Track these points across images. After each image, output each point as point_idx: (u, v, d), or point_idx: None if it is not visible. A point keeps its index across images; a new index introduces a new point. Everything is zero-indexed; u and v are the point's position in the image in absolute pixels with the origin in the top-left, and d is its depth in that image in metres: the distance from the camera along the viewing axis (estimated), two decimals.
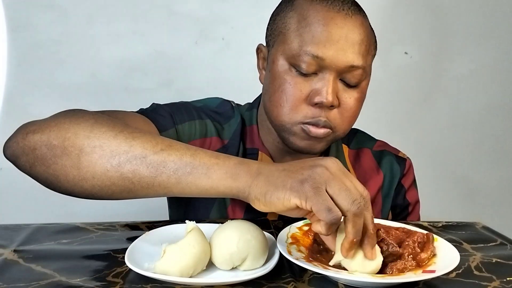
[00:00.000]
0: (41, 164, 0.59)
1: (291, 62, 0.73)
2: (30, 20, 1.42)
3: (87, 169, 0.58)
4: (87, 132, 0.58)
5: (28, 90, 1.44)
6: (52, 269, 0.58)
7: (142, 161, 0.57)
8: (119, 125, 0.60)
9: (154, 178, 0.58)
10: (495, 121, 1.69)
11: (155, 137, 0.60)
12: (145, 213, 0.78)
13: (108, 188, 0.59)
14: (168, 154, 0.58)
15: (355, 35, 0.72)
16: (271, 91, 0.76)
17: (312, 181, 0.52)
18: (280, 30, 0.76)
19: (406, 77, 1.62)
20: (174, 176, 0.58)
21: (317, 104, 0.73)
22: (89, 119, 0.60)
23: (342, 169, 0.54)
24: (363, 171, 0.89)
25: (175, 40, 1.48)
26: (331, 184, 0.52)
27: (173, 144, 0.59)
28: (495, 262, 0.64)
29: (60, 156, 0.58)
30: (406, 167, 0.91)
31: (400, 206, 0.91)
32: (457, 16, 1.61)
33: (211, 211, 0.82)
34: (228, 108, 0.87)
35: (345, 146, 0.91)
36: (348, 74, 0.73)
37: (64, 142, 0.58)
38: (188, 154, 0.58)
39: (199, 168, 0.57)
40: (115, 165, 0.58)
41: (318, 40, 0.71)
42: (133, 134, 0.59)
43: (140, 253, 0.59)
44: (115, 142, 0.58)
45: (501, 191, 1.72)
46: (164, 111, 0.80)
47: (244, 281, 0.55)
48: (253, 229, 0.58)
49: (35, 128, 0.60)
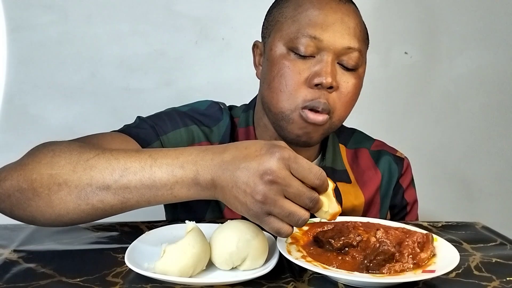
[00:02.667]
0: (18, 209, 0.60)
1: (289, 46, 0.74)
2: (30, 20, 1.42)
3: (59, 206, 0.59)
4: (48, 170, 0.59)
5: (28, 90, 1.44)
6: (52, 269, 0.58)
7: (107, 192, 0.58)
8: (76, 153, 0.60)
9: (124, 204, 0.59)
10: (495, 121, 1.69)
11: (110, 160, 0.59)
12: (145, 213, 0.78)
13: (86, 218, 0.61)
14: (128, 180, 0.58)
15: (349, 20, 0.75)
16: (270, 78, 0.76)
17: (254, 214, 0.54)
18: (276, 19, 0.78)
19: (406, 77, 1.62)
20: (143, 199, 0.59)
21: (316, 86, 0.73)
22: (48, 153, 0.60)
23: (287, 166, 0.53)
24: (361, 171, 0.89)
25: (175, 40, 1.48)
26: (287, 192, 0.53)
27: (128, 164, 0.58)
28: (495, 262, 0.64)
29: (32, 199, 0.59)
30: (404, 167, 0.92)
31: (398, 205, 0.92)
32: (457, 16, 1.61)
33: (206, 214, 0.83)
34: (216, 110, 0.86)
35: (342, 146, 0.91)
36: (345, 57, 0.74)
37: (33, 184, 0.59)
38: (146, 176, 0.58)
39: (162, 189, 0.58)
40: (83, 199, 0.58)
41: (314, 22, 0.73)
42: (89, 162, 0.59)
43: (140, 253, 0.59)
44: (75, 176, 0.58)
45: (501, 191, 1.72)
46: (146, 124, 0.80)
47: (244, 281, 0.55)
48: (253, 229, 0.58)
49: (5, 175, 0.61)
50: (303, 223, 0.54)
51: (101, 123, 1.47)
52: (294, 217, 0.54)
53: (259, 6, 1.50)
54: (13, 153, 0.67)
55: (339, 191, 0.85)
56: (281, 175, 0.52)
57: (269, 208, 0.53)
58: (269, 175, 0.52)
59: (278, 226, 0.54)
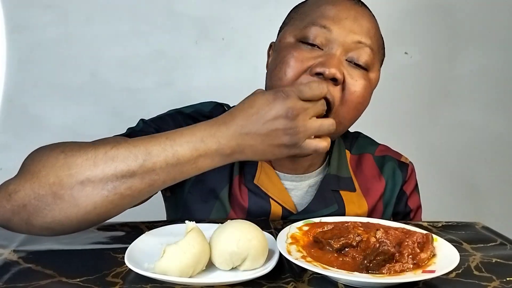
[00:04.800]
0: (37, 217, 0.58)
1: (298, 37, 0.74)
2: (30, 20, 1.42)
3: (85, 203, 0.58)
4: (66, 171, 0.58)
5: (28, 90, 1.44)
6: (52, 269, 0.58)
7: (133, 178, 0.59)
8: (91, 150, 0.60)
9: (152, 186, 0.61)
10: (495, 121, 1.69)
11: (129, 149, 0.60)
12: (145, 213, 0.78)
13: (113, 209, 0.61)
14: (153, 163, 0.60)
15: (363, 19, 0.74)
16: (273, 67, 0.75)
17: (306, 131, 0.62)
18: (291, 17, 0.79)
19: (406, 77, 1.62)
20: (169, 178, 0.61)
21: (318, 75, 0.70)
22: (59, 156, 0.59)
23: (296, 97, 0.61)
24: (365, 178, 0.87)
25: (175, 40, 1.49)
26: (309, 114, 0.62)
27: (149, 148, 0.60)
28: (495, 262, 0.64)
29: (53, 203, 0.58)
30: (408, 173, 0.89)
31: (401, 213, 0.89)
32: (457, 16, 1.61)
33: (210, 216, 0.81)
34: (221, 112, 0.85)
35: (347, 152, 0.88)
36: (355, 52, 0.72)
37: (52, 188, 0.57)
38: (169, 155, 0.60)
39: (187, 165, 0.61)
40: (111, 190, 0.59)
41: (327, 15, 0.73)
42: (108, 154, 0.59)
43: (140, 253, 0.59)
44: (98, 170, 0.58)
45: (501, 191, 1.72)
46: (150, 128, 0.79)
47: (244, 281, 0.55)
48: (253, 229, 0.58)
49: (15, 187, 0.59)
50: (333, 127, 0.63)
51: (101, 123, 1.48)
52: (323, 127, 0.62)
53: (259, 6, 1.51)
54: (13, 153, 0.68)
55: (343, 201, 0.82)
56: (298, 105, 0.60)
57: (306, 133, 0.61)
58: (292, 111, 0.60)
59: (316, 144, 0.63)
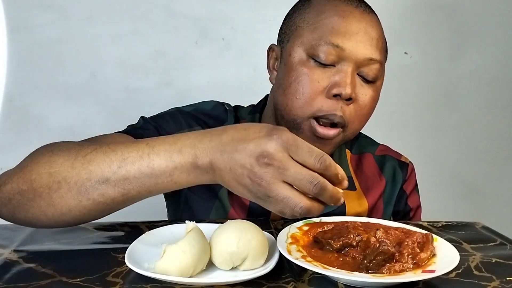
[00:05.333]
0: (20, 211, 0.60)
1: (310, 53, 0.73)
2: (30, 20, 1.42)
3: (61, 204, 0.59)
4: (47, 169, 0.59)
5: (28, 90, 1.44)
6: (52, 269, 0.58)
7: (106, 184, 0.58)
8: (74, 150, 0.60)
9: (125, 195, 0.59)
10: (495, 121, 1.69)
11: (107, 153, 0.59)
12: (145, 213, 0.78)
13: (88, 215, 0.61)
14: (126, 170, 0.57)
15: (373, 30, 0.73)
16: (286, 84, 0.74)
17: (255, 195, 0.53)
18: (297, 25, 0.76)
19: (406, 77, 1.62)
20: (143, 189, 0.58)
21: (335, 96, 0.71)
22: (46, 153, 0.61)
23: (285, 149, 0.51)
24: (365, 177, 0.88)
25: (175, 40, 1.49)
26: (285, 175, 0.51)
27: (126, 154, 0.58)
28: (495, 262, 0.64)
29: (33, 199, 0.59)
30: (408, 172, 0.90)
31: (401, 212, 0.90)
32: (457, 16, 1.61)
33: (210, 215, 0.82)
34: (222, 111, 0.85)
35: (347, 151, 0.89)
36: (366, 68, 0.73)
37: (32, 185, 0.59)
38: (144, 164, 0.57)
39: (162, 177, 0.57)
40: (84, 194, 0.58)
41: (337, 30, 0.71)
42: (86, 157, 0.59)
43: (140, 253, 0.59)
44: (74, 172, 0.58)
45: (501, 191, 1.72)
46: (150, 125, 0.80)
47: (244, 281, 0.55)
48: (253, 229, 0.58)
49: (5, 179, 0.61)
50: (302, 211, 0.52)
51: (101, 123, 1.48)
52: (288, 202, 0.51)
53: (259, 6, 1.51)
54: (13, 153, 0.68)
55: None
56: (278, 157, 0.51)
57: (265, 192, 0.52)
58: (265, 158, 0.51)
59: (278, 209, 0.53)
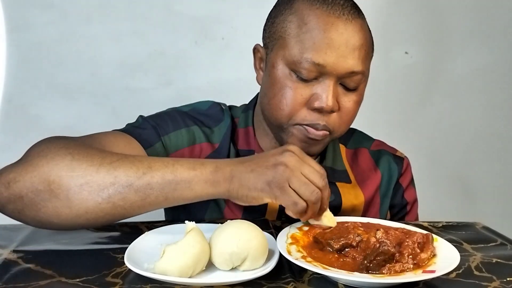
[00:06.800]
0: (30, 210, 0.61)
1: (292, 68, 0.73)
2: (30, 20, 1.42)
3: (79, 206, 0.60)
4: (69, 172, 0.60)
5: (28, 90, 1.44)
6: (52, 269, 0.58)
7: (129, 189, 0.62)
8: (97, 157, 0.63)
9: (144, 200, 0.62)
10: (495, 121, 1.69)
11: (133, 162, 0.63)
12: (145, 213, 0.78)
13: (102, 218, 0.62)
14: (151, 176, 0.62)
15: (355, 40, 0.72)
16: (271, 95, 0.76)
17: (277, 182, 0.62)
18: (280, 35, 0.76)
19: (406, 77, 1.62)
20: (162, 194, 0.63)
21: (316, 109, 0.73)
22: (66, 157, 0.61)
23: (299, 161, 0.63)
24: (361, 171, 0.89)
25: (175, 40, 1.48)
26: (292, 181, 0.62)
27: (152, 164, 0.63)
28: (495, 262, 0.64)
29: (49, 200, 0.60)
30: (404, 166, 0.91)
31: (398, 205, 0.91)
32: (457, 16, 1.61)
33: (206, 213, 0.83)
34: (218, 111, 0.86)
35: (342, 146, 0.91)
36: (348, 79, 0.74)
37: (50, 186, 0.60)
38: (168, 171, 0.63)
39: (181, 183, 0.63)
40: (105, 198, 0.61)
41: (319, 47, 0.71)
42: (113, 164, 0.62)
43: (140, 253, 0.59)
44: (98, 176, 0.61)
45: (501, 191, 1.72)
46: (148, 124, 0.80)
47: (244, 281, 0.55)
48: (253, 229, 0.58)
49: (15, 176, 0.61)
50: (318, 195, 0.63)
51: (101, 123, 1.47)
52: (309, 187, 0.62)
53: (259, 6, 1.50)
54: (13, 153, 0.67)
55: (339, 192, 0.85)
56: (291, 165, 0.62)
57: (289, 176, 0.62)
58: (281, 165, 0.62)
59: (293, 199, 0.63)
